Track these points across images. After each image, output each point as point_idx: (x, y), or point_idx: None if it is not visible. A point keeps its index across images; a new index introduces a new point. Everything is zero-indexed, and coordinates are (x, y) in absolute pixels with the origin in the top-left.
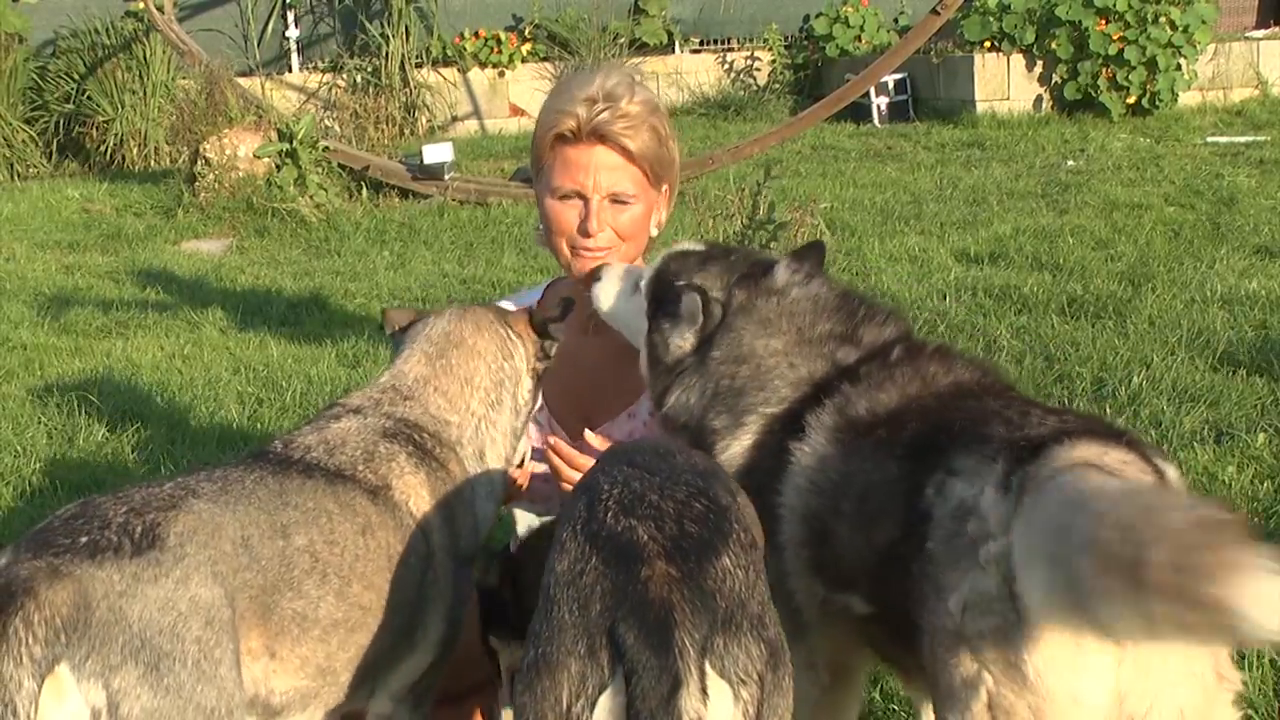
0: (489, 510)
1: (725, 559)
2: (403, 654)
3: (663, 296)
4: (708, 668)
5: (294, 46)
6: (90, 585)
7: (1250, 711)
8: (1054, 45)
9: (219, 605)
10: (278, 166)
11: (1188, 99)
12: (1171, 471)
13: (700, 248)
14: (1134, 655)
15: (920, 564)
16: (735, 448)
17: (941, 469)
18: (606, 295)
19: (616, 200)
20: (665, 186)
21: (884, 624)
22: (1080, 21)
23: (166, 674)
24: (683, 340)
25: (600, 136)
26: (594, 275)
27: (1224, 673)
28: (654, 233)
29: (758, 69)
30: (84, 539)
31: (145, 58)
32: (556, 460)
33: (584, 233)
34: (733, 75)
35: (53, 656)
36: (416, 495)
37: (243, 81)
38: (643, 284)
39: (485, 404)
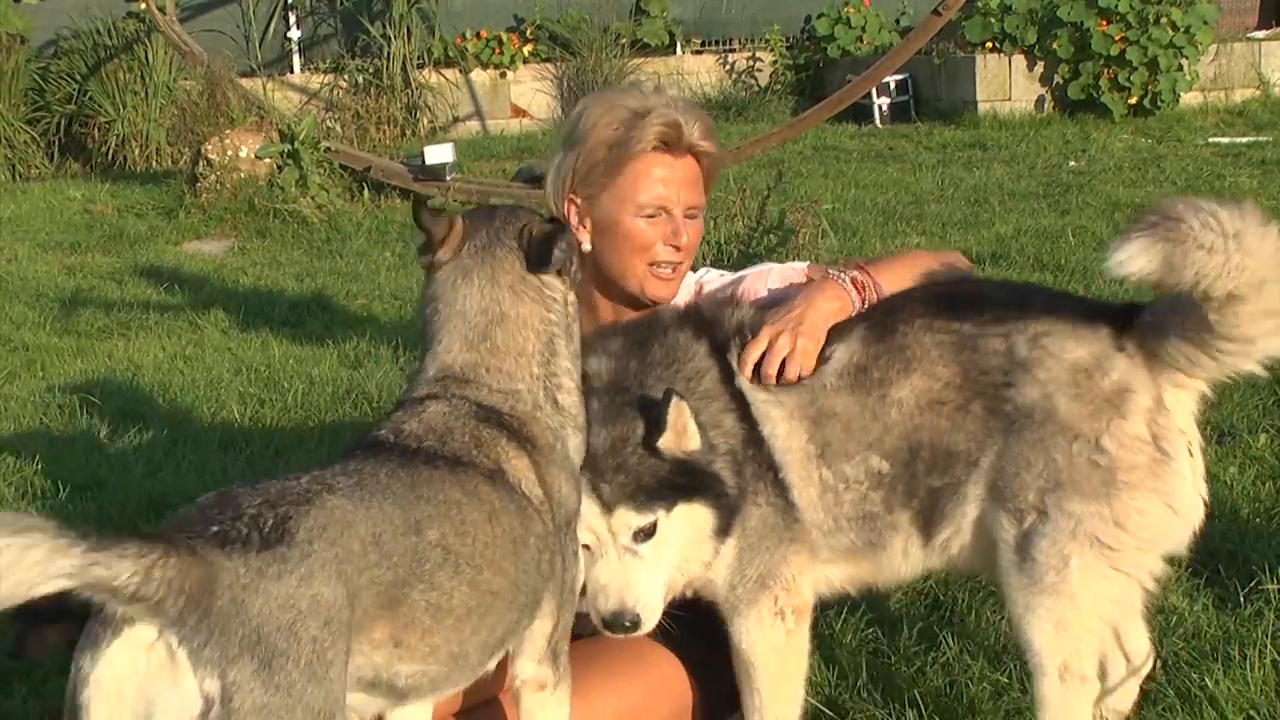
0: (579, 461)
1: None
2: (526, 626)
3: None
4: None
5: (295, 47)
6: (217, 573)
7: (1251, 712)
8: (1055, 46)
9: (339, 606)
10: (279, 167)
11: (1189, 99)
12: None
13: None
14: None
15: (1001, 410)
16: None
17: (1021, 331)
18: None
19: (689, 213)
20: None
21: (907, 476)
22: (1082, 22)
23: (279, 671)
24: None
25: (689, 147)
26: None
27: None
28: None
29: (759, 70)
30: (214, 528)
31: (147, 58)
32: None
33: (675, 245)
34: (734, 76)
35: (174, 635)
36: (526, 478)
37: (244, 82)
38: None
39: (542, 364)
